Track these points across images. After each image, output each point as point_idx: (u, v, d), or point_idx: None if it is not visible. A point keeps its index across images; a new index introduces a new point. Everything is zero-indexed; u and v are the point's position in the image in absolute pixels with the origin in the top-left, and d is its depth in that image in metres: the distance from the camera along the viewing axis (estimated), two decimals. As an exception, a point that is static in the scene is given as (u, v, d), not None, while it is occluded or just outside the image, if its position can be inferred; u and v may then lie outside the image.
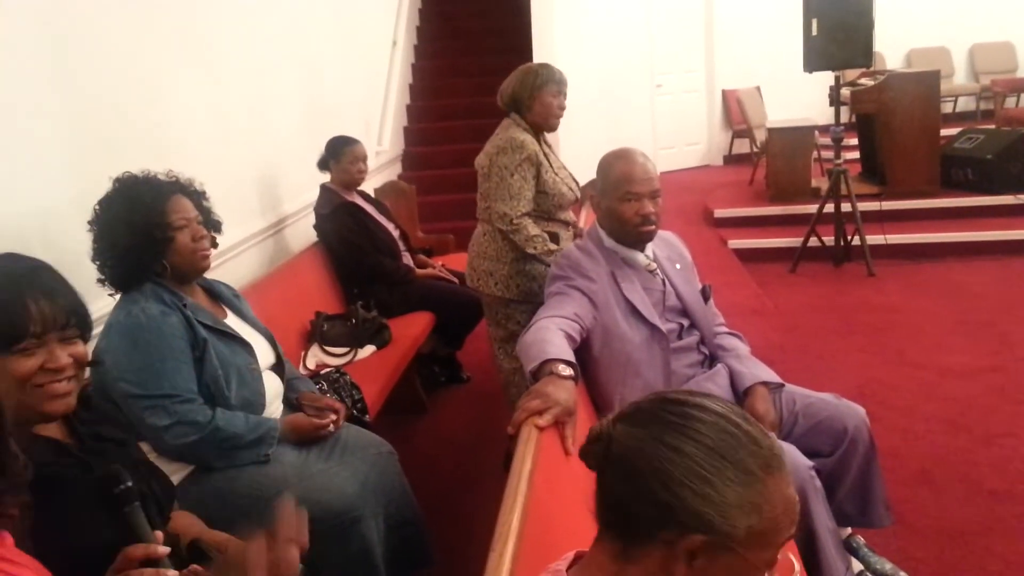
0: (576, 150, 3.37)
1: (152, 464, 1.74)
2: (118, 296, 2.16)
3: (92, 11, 2.69)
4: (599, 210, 2.44)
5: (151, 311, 2.07)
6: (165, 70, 3.14)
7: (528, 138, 3.06)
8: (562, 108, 3.17)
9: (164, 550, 1.27)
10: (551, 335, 2.07)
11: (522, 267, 3.10)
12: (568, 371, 1.91)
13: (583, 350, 2.24)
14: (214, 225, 2.30)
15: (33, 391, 1.38)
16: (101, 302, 2.21)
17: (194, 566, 1.39)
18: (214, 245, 2.32)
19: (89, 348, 1.56)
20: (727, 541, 0.95)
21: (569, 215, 3.26)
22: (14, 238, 2.24)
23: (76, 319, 1.45)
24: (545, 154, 3.12)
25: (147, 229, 2.09)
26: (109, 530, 1.25)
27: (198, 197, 2.25)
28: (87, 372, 1.68)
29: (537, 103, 3.10)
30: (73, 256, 2.24)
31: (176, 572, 1.27)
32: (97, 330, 2.16)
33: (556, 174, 3.12)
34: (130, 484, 1.26)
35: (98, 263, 2.12)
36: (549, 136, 3.28)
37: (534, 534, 1.38)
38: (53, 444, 1.46)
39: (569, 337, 2.11)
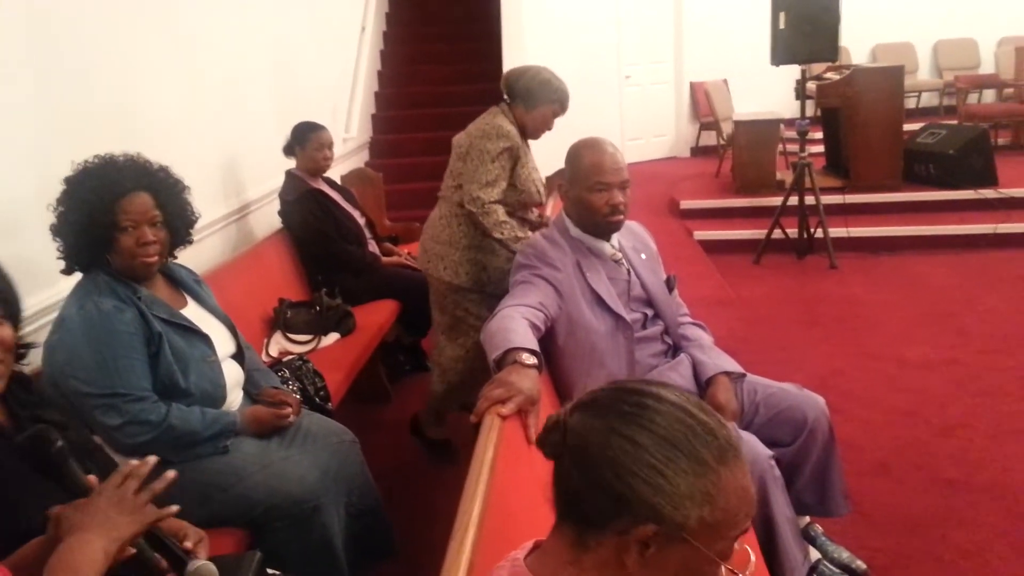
0: (544, 139, 3.35)
1: (93, 444, 1.70)
2: (76, 279, 2.12)
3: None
4: (567, 199, 2.44)
5: (104, 306, 2.02)
6: (134, 53, 3.09)
7: (514, 130, 3.06)
8: (549, 129, 3.20)
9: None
10: (515, 324, 2.06)
11: (474, 255, 3.10)
12: (532, 360, 1.90)
13: (548, 339, 2.24)
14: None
15: None
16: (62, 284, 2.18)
17: None
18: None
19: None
20: (679, 531, 0.95)
21: (530, 214, 3.26)
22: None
23: (8, 304, 1.44)
24: (524, 151, 3.13)
25: (90, 224, 2.03)
26: (55, 497, 1.24)
27: (169, 193, 2.16)
28: (30, 358, 1.64)
29: (540, 111, 3.11)
30: (36, 244, 2.19)
31: None
32: (53, 315, 2.13)
33: (530, 172, 3.13)
34: (61, 443, 1.26)
35: (56, 241, 2.08)
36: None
37: (495, 523, 1.37)
38: None
39: (533, 326, 2.11)
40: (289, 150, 3.99)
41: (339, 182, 4.49)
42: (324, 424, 2.36)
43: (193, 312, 2.26)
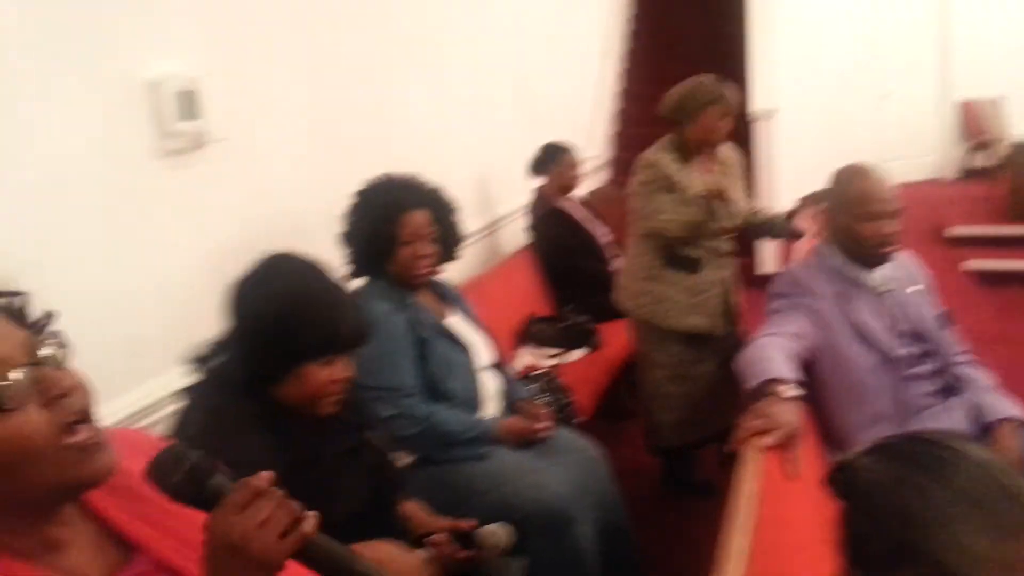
0: (796, 160, 3.24)
1: (387, 447, 1.84)
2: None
3: (335, 21, 2.87)
4: (830, 227, 2.34)
5: (380, 309, 2.20)
6: (394, 76, 3.31)
7: (660, 157, 2.94)
8: (724, 130, 2.96)
9: None
10: (774, 352, 2.02)
11: (652, 287, 3.00)
12: (793, 392, 1.86)
13: (806, 372, 2.16)
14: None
15: (317, 401, 1.56)
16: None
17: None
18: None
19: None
20: None
21: (722, 244, 3.03)
22: (270, 239, 2.44)
23: (364, 340, 1.63)
24: (688, 175, 2.93)
25: (375, 235, 2.23)
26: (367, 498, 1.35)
27: (443, 211, 2.34)
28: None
29: (701, 119, 2.92)
30: (323, 251, 2.43)
31: None
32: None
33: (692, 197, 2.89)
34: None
35: (345, 248, 2.29)
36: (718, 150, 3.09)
37: (760, 557, 1.35)
38: (312, 423, 1.59)
39: (793, 356, 2.05)
40: (536, 168, 4.12)
41: (583, 200, 4.58)
42: (572, 439, 2.41)
43: (455, 323, 2.40)
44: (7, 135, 1.68)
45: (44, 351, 0.83)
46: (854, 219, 2.22)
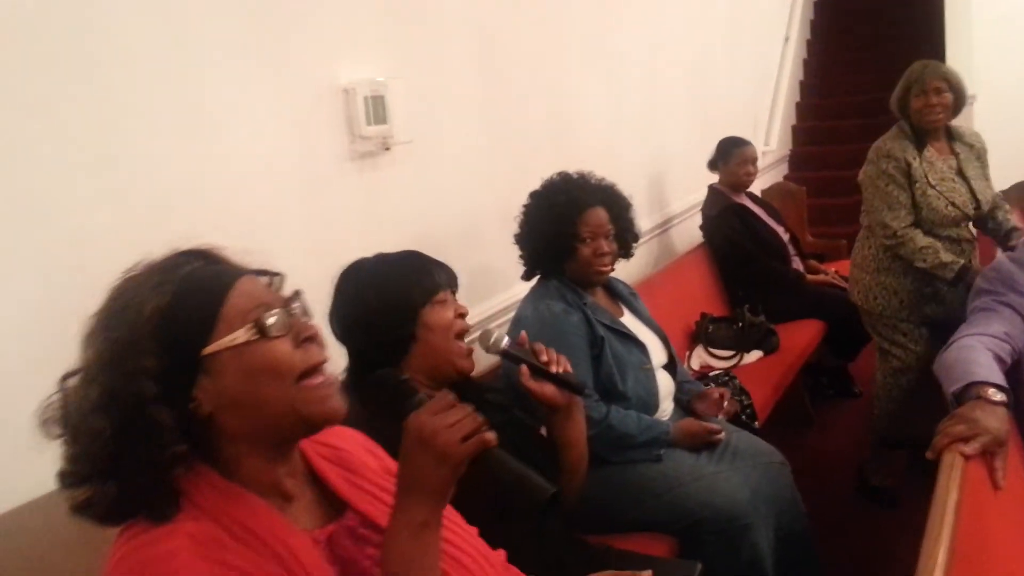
0: (1003, 148, 3.00)
1: (531, 428, 1.82)
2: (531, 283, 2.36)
3: (511, 24, 2.94)
4: (1038, 218, 2.15)
5: (555, 308, 2.21)
6: (568, 74, 3.34)
7: (896, 146, 2.86)
8: (934, 108, 2.83)
9: None
10: (978, 354, 1.86)
11: (883, 279, 2.92)
12: (1000, 396, 1.71)
13: (1012, 374, 1.98)
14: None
15: (452, 344, 1.60)
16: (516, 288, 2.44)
17: None
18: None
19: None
20: None
21: (963, 232, 2.91)
22: (447, 239, 2.54)
23: (456, 281, 1.69)
24: (929, 161, 2.84)
25: (555, 234, 2.25)
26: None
27: (619, 208, 2.34)
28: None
29: (911, 104, 2.88)
30: (494, 253, 2.49)
31: None
32: (509, 314, 2.39)
33: (933, 187, 2.80)
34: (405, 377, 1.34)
35: (518, 248, 2.32)
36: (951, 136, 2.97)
37: (962, 570, 1.25)
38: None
39: (998, 359, 1.89)
40: (713, 165, 4.03)
41: (760, 196, 4.43)
42: (752, 443, 2.33)
43: (629, 321, 2.38)
44: (217, 137, 1.83)
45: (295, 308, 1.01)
46: (1066, 210, 2.03)
